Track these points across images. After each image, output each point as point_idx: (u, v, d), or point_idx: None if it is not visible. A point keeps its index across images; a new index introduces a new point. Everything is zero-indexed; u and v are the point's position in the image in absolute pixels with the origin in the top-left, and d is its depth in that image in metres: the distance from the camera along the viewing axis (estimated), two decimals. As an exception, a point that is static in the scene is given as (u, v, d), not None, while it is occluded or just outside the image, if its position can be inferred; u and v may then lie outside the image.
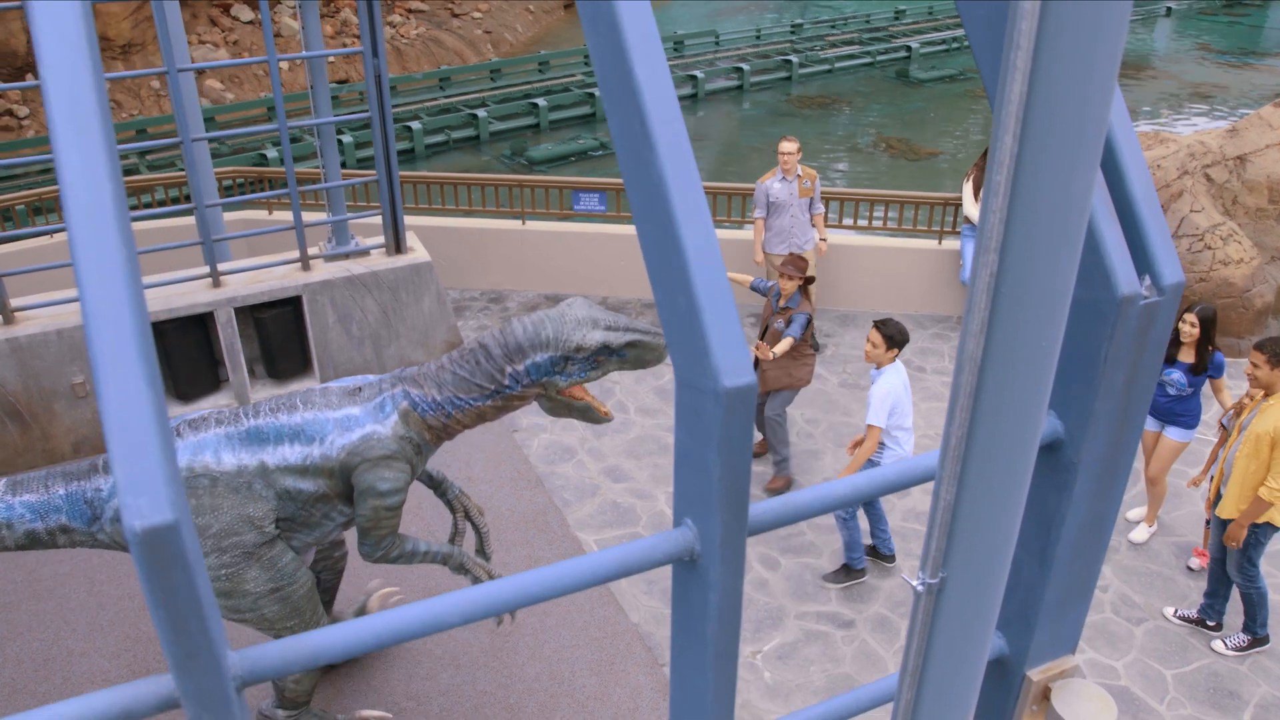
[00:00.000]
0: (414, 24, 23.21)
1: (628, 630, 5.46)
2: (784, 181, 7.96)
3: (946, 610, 1.27)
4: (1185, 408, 5.71)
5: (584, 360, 3.92)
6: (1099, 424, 1.45)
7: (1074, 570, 1.61)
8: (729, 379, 1.08)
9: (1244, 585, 5.16)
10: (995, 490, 1.19)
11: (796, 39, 24.33)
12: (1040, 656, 1.69)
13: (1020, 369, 1.11)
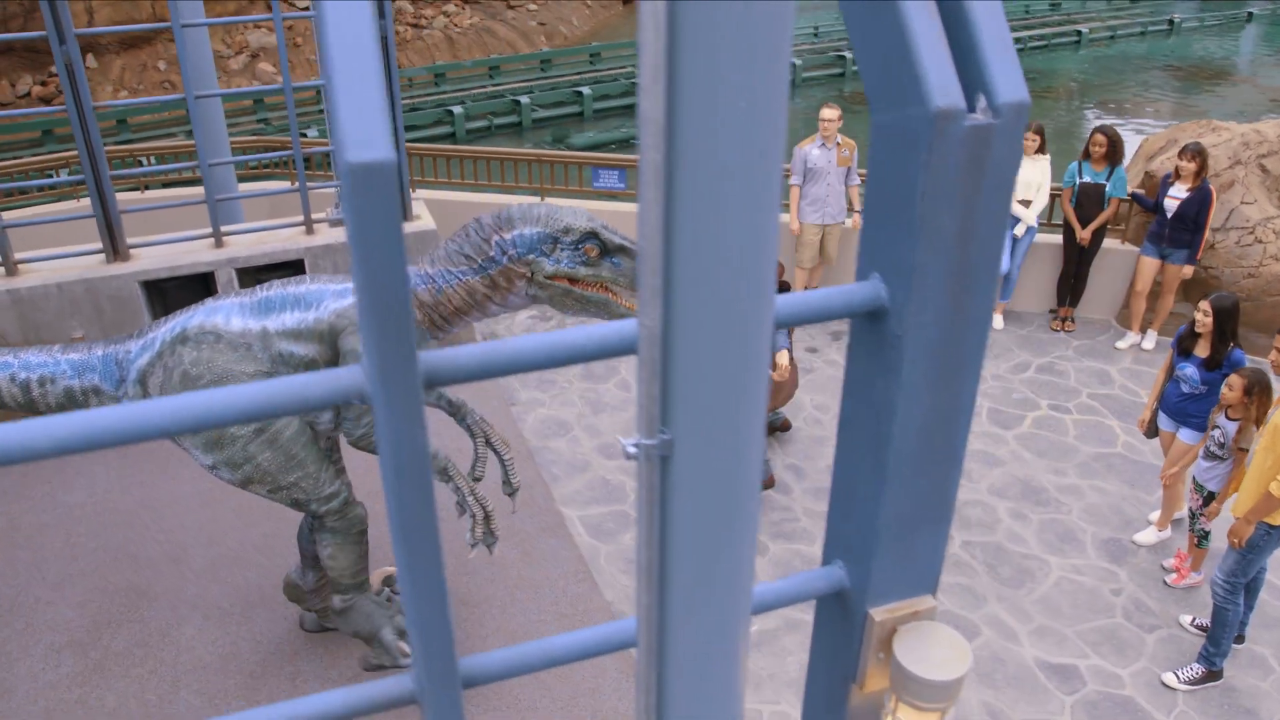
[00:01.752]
0: (468, 14, 23.30)
1: (600, 608, 5.21)
2: (823, 148, 7.82)
3: (681, 487, 1.01)
4: (1200, 407, 5.23)
5: (572, 246, 3.85)
6: (927, 284, 1.17)
7: (918, 486, 1.32)
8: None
9: (1221, 597, 4.67)
10: (722, 323, 0.93)
11: (854, 37, 23.80)
12: (885, 593, 1.41)
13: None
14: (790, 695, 4.72)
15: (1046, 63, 23.03)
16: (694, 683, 1.16)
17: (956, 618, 5.17)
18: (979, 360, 1.26)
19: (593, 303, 4.03)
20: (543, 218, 3.87)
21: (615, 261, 3.94)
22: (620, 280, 3.96)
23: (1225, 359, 5.08)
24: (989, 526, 5.88)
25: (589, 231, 3.87)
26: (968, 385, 1.27)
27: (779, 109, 0.91)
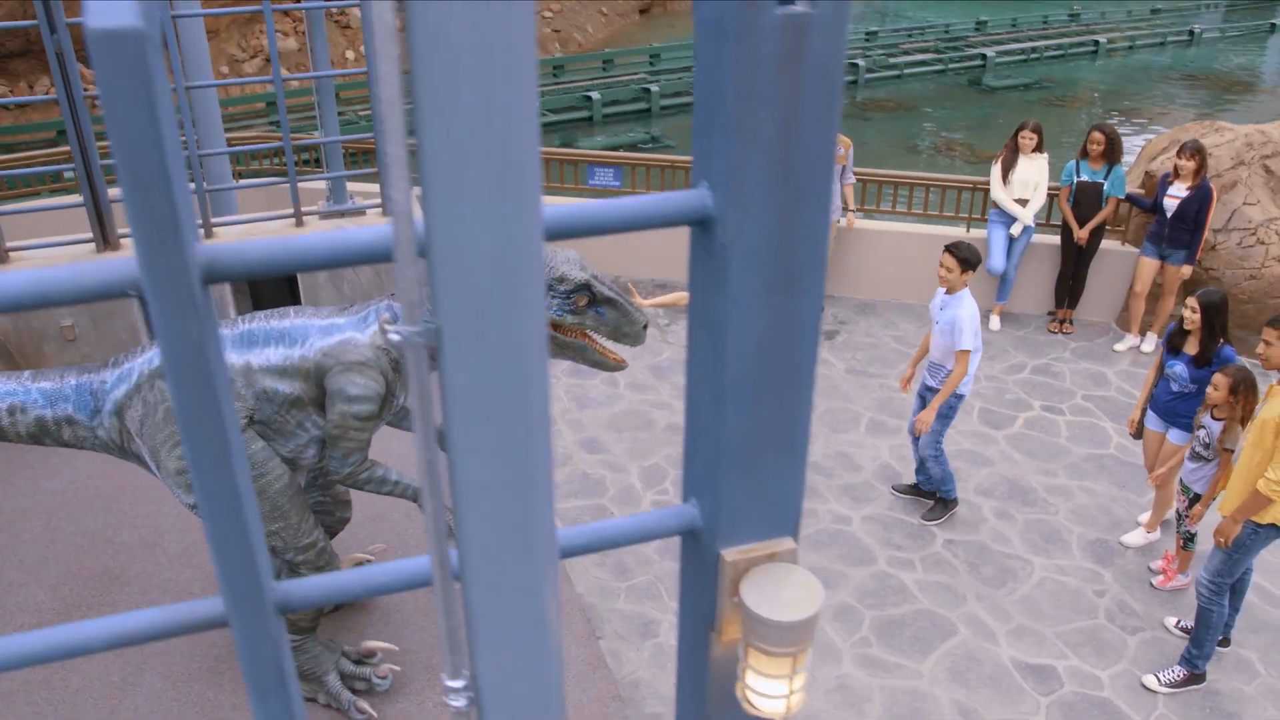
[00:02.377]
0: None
1: (570, 600, 5.15)
2: None
3: (455, 377, 0.95)
4: (1189, 407, 5.08)
5: (563, 295, 3.90)
6: (750, 190, 1.11)
7: (761, 412, 1.26)
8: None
9: (1205, 598, 4.53)
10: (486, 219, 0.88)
11: (870, 46, 23.76)
12: (738, 533, 1.34)
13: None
14: (758, 690, 4.63)
15: (1063, 72, 22.85)
16: (492, 601, 1.10)
17: (933, 615, 5.06)
18: (817, 277, 1.20)
19: (571, 348, 4.07)
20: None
21: (600, 311, 3.97)
22: (601, 329, 4.00)
23: (1215, 356, 4.95)
24: (972, 526, 5.76)
25: (583, 284, 3.89)
26: (807, 303, 1.21)
27: (522, 95, 0.85)
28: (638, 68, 21.45)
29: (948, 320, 5.36)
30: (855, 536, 5.66)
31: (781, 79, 1.06)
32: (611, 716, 4.46)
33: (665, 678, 4.68)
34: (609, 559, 5.46)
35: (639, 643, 4.89)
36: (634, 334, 4.03)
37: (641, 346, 7.76)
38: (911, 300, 8.42)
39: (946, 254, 5.33)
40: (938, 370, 5.54)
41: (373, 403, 3.90)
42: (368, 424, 3.92)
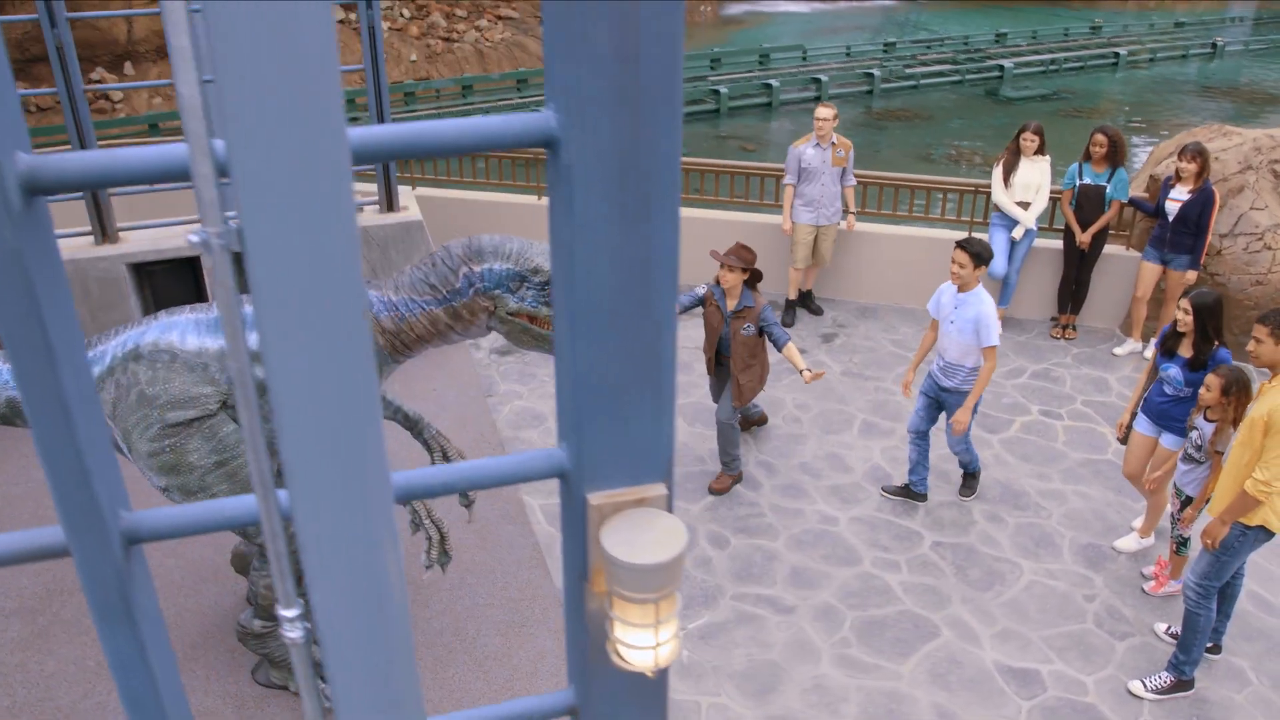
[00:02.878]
0: (500, 29, 23.54)
1: (549, 594, 5.10)
2: (818, 148, 7.67)
3: (261, 284, 0.92)
4: (1184, 410, 4.96)
5: (539, 286, 3.90)
6: (590, 109, 1.07)
7: (621, 347, 1.22)
8: None
9: (1193, 601, 4.42)
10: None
11: (886, 57, 23.69)
12: (603, 476, 1.30)
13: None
14: (732, 688, 4.56)
15: (1082, 83, 22.67)
16: (321, 532, 1.06)
17: (916, 617, 4.97)
18: (671, 204, 1.15)
19: (548, 340, 4.06)
20: (514, 255, 3.85)
21: None
22: None
23: (1209, 358, 4.84)
24: (962, 528, 5.67)
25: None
26: (660, 231, 1.16)
27: (324, 84, 0.82)
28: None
29: (968, 319, 5.31)
30: (841, 537, 5.58)
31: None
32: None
33: (639, 674, 4.62)
34: (590, 555, 5.41)
35: (615, 638, 4.83)
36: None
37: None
38: (912, 305, 8.33)
39: (959, 250, 5.29)
40: (955, 370, 5.48)
41: None
42: None
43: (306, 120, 0.79)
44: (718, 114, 19.54)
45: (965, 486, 5.93)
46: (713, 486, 5.95)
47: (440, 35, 22.54)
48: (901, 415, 6.80)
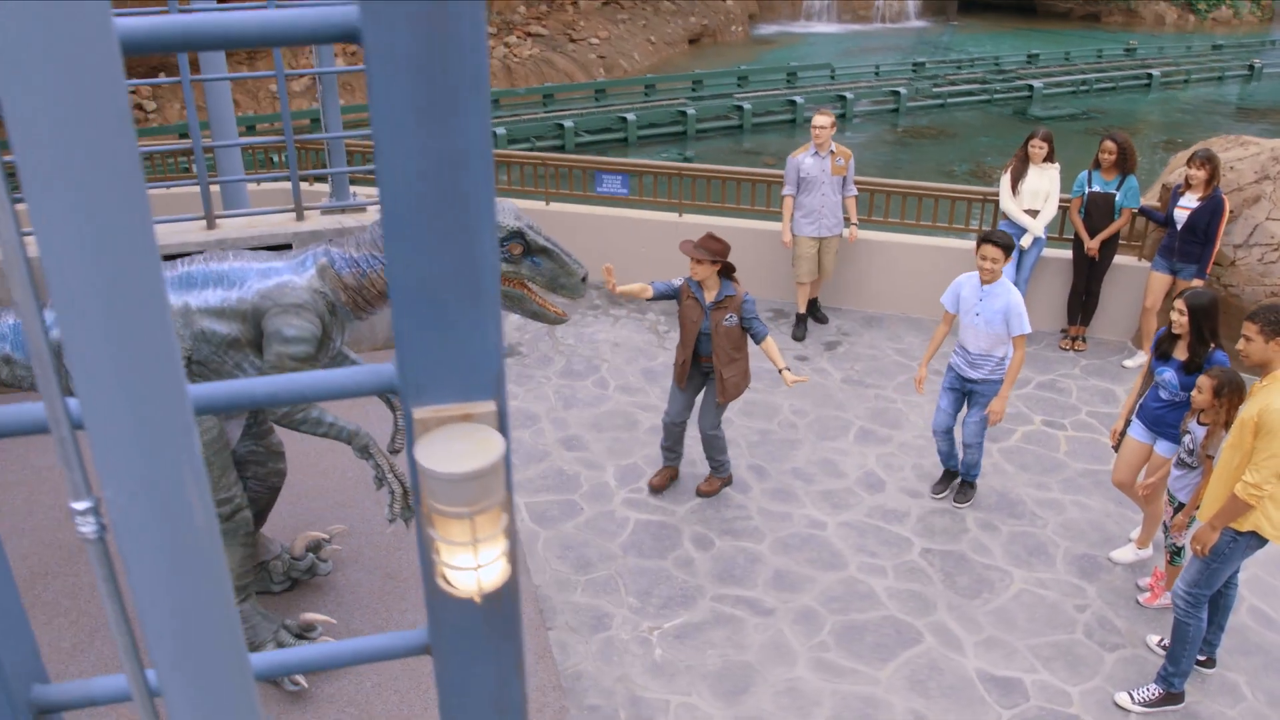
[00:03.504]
0: (529, 45, 23.77)
1: (525, 590, 5.04)
2: (816, 157, 7.54)
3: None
4: (1179, 417, 4.79)
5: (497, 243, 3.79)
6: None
7: (437, 251, 1.17)
8: None
9: (1182, 610, 4.25)
10: None
11: (915, 77, 23.58)
12: (429, 391, 1.25)
13: None
14: (703, 688, 4.46)
15: (1113, 104, 22.41)
16: (111, 435, 1.02)
17: (899, 623, 4.85)
18: (480, 98, 1.11)
19: (511, 297, 4.11)
20: None
21: (536, 261, 3.99)
22: (538, 279, 4.02)
23: (1205, 361, 4.69)
24: (953, 536, 5.54)
25: (515, 230, 3.92)
26: (471, 126, 1.12)
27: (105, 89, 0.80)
28: (679, 93, 21.55)
29: (996, 310, 5.32)
30: (827, 541, 5.47)
31: None
32: (549, 705, 4.33)
33: (610, 670, 4.54)
34: (571, 552, 5.35)
35: (588, 635, 4.76)
36: (572, 285, 4.01)
37: (635, 350, 7.69)
38: (919, 314, 8.21)
39: (988, 245, 5.31)
40: (983, 361, 5.47)
41: (309, 344, 3.91)
42: (303, 365, 3.94)
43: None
44: (741, 129, 19.54)
45: (960, 494, 5.81)
46: (701, 489, 5.87)
47: (519, 33, 22.79)
48: (901, 423, 6.68)
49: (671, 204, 8.91)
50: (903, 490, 5.94)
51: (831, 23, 35.55)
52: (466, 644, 1.50)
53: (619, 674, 4.53)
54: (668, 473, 5.92)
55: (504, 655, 1.51)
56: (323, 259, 3.98)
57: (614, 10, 28.96)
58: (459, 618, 1.48)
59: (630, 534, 5.52)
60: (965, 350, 5.50)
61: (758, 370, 7.41)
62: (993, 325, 5.33)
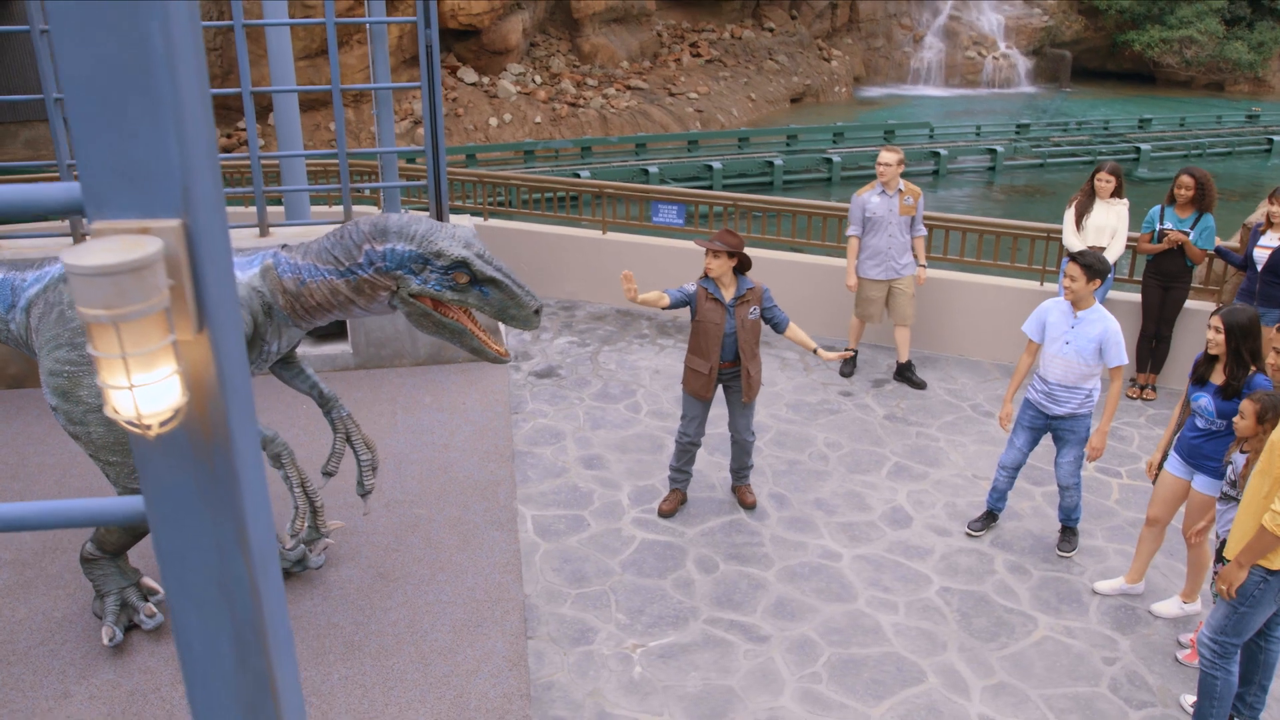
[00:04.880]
0: (627, 97, 24.23)
1: (513, 599, 4.89)
2: (883, 195, 7.16)
3: None
4: (1217, 448, 4.36)
5: (441, 271, 3.83)
6: None
7: (108, 42, 1.08)
8: None
9: (1207, 661, 3.80)
10: None
11: (1018, 138, 23.00)
12: (110, 206, 1.16)
13: None
14: (678, 710, 4.19)
15: (1227, 168, 21.37)
16: None
17: (902, 660, 4.49)
18: None
19: (450, 330, 3.97)
20: (419, 236, 3.79)
21: (484, 291, 3.87)
22: (486, 309, 3.88)
23: (1245, 386, 4.26)
24: (977, 576, 5.14)
25: (459, 259, 3.80)
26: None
27: None
28: (773, 147, 21.56)
29: (1090, 338, 4.92)
30: (839, 573, 5.15)
31: None
32: (512, 713, 4.14)
33: (583, 684, 4.33)
34: (569, 566, 5.17)
35: (569, 647, 4.56)
36: (523, 317, 3.87)
37: (670, 377, 7.52)
38: (975, 355, 7.82)
39: (1072, 264, 4.94)
40: (1070, 396, 5.04)
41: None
42: None
43: None
44: (829, 182, 19.37)
45: (1065, 542, 5.32)
46: (749, 501, 5.72)
47: (567, 101, 23.37)
48: (940, 461, 6.31)
49: (726, 235, 8.81)
50: (930, 527, 5.57)
51: (938, 87, 35.21)
52: (182, 513, 1.38)
53: (591, 688, 4.31)
54: (677, 496, 5.70)
55: (223, 528, 1.38)
56: (269, 259, 3.98)
57: (716, 68, 29.35)
58: (172, 485, 1.36)
59: (633, 552, 5.32)
60: (1047, 383, 5.08)
61: (794, 403, 7.16)
62: (1084, 355, 4.92)
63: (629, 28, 28.19)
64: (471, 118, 21.72)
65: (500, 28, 23.46)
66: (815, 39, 33.81)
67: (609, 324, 8.74)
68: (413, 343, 7.76)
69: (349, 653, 4.50)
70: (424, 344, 7.77)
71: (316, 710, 4.14)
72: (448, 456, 6.32)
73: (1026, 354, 5.28)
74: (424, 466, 6.19)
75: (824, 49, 33.67)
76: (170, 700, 4.20)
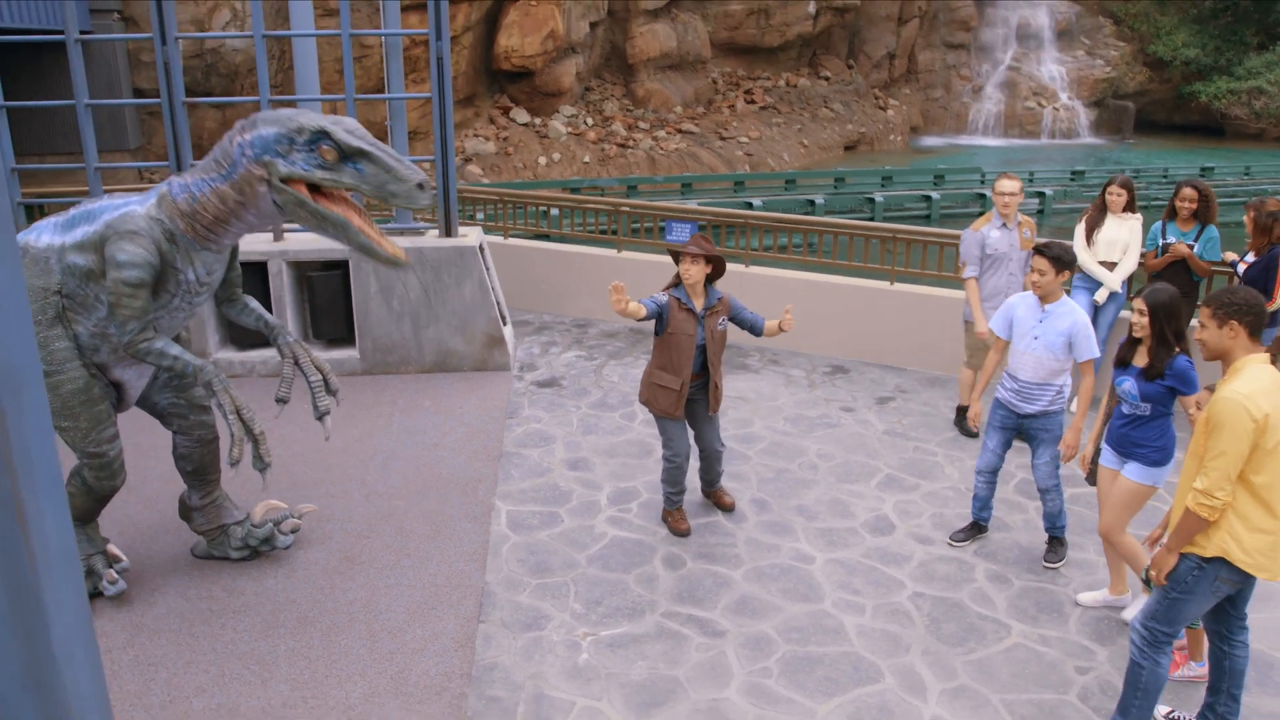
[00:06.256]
0: (676, 140, 24.50)
1: (473, 585, 4.85)
2: (1004, 229, 6.36)
3: None
4: (1146, 434, 4.17)
5: (306, 147, 3.80)
6: None
7: None
8: None
9: (1135, 649, 3.60)
10: None
11: (1072, 184, 22.62)
12: None
13: None
14: (617, 697, 4.08)
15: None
16: None
17: (860, 660, 4.31)
18: None
19: (330, 222, 3.89)
20: (282, 118, 3.82)
21: (358, 167, 3.77)
22: (364, 188, 3.77)
23: (1167, 367, 4.07)
24: (954, 584, 4.93)
25: (319, 130, 3.74)
26: None
27: None
28: (820, 189, 21.54)
29: (1059, 331, 4.76)
30: (809, 575, 4.99)
31: None
32: (449, 690, 4.07)
33: (526, 667, 4.24)
34: (534, 558, 5.11)
35: (519, 633, 4.49)
36: (405, 193, 3.73)
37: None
38: (987, 376, 7.61)
39: (1037, 256, 4.76)
40: (1040, 393, 4.88)
41: (140, 269, 3.94)
42: (139, 290, 3.95)
43: None
44: (871, 220, 19.24)
45: (1052, 553, 5.10)
46: (727, 503, 5.62)
47: (617, 142, 23.71)
48: (934, 474, 6.12)
49: (738, 253, 8.80)
50: (912, 536, 5.38)
51: (996, 137, 34.93)
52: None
53: (533, 671, 4.22)
54: (683, 513, 5.49)
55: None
56: (164, 188, 4.08)
57: (770, 114, 29.56)
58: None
59: (602, 548, 5.24)
60: (1017, 380, 4.92)
61: (793, 416, 7.04)
62: (1054, 350, 4.78)
63: (684, 74, 28.61)
64: (521, 156, 22.16)
65: (553, 70, 24.01)
66: (872, 88, 33.89)
67: (619, 340, 8.74)
68: (419, 350, 7.85)
69: (300, 627, 4.50)
70: (429, 351, 7.86)
71: (255, 677, 4.13)
72: (435, 455, 6.34)
73: (995, 351, 5.14)
74: (410, 463, 6.21)
75: (880, 98, 33.71)
76: (119, 663, 4.23)
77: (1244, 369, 3.33)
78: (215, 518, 4.97)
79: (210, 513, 4.97)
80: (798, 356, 8.36)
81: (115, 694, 4.03)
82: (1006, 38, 36.10)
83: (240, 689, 4.06)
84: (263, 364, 7.76)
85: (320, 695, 4.04)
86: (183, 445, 4.83)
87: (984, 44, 36.15)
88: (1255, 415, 3.18)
